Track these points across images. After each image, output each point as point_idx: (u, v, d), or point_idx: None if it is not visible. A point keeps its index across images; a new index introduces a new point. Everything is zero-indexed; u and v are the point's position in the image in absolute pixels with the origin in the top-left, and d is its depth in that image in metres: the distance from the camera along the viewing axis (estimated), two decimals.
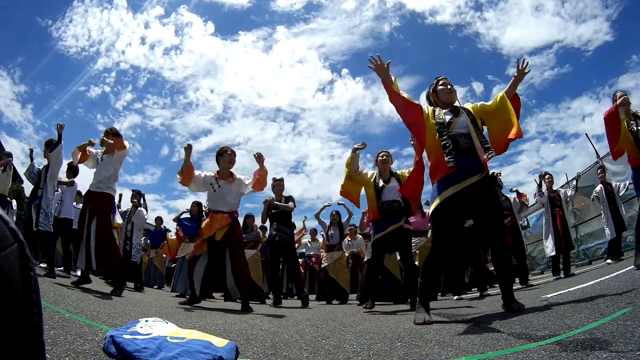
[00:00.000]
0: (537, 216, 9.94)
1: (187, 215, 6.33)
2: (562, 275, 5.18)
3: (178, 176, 3.61)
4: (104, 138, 3.73)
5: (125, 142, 3.80)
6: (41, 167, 4.65)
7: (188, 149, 3.56)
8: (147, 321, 1.46)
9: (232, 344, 1.29)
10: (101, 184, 3.73)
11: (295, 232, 5.43)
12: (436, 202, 2.37)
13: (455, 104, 2.58)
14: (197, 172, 3.67)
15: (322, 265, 6.34)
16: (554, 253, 5.59)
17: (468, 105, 2.59)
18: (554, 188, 6.07)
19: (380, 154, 3.82)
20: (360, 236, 6.69)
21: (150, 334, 1.32)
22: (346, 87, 27.61)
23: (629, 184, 5.81)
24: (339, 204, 6.01)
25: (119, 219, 4.16)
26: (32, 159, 4.89)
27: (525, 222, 6.03)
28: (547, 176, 5.92)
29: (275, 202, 4.85)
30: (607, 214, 5.99)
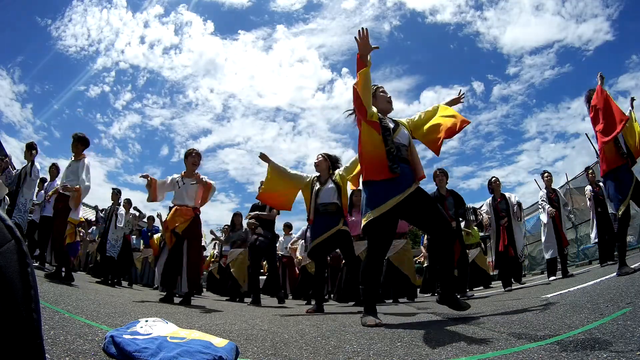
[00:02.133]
0: (537, 216, 9.95)
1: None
2: (559, 276, 5.16)
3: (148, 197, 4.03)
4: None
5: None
6: (20, 169, 5.03)
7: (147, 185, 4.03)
8: (147, 321, 1.46)
9: (232, 344, 1.29)
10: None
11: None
12: (378, 211, 2.22)
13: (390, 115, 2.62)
14: (160, 181, 4.08)
15: (301, 264, 6.49)
16: (554, 255, 5.51)
17: (402, 120, 2.64)
18: (553, 187, 6.04)
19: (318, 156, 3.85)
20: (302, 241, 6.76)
21: (150, 334, 1.32)
22: (346, 87, 27.74)
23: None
24: None
25: (74, 216, 4.41)
26: (13, 167, 5.15)
27: (524, 225, 6.04)
28: (545, 174, 5.89)
29: (258, 213, 5.06)
30: (592, 217, 5.93)
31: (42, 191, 5.83)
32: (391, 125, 2.46)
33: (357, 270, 3.64)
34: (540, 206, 5.79)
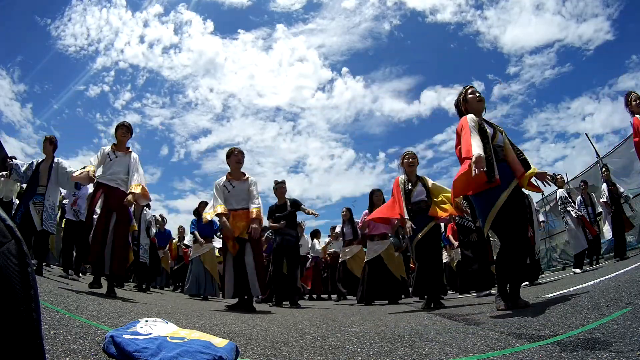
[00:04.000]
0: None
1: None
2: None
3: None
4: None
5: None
6: (34, 163, 4.43)
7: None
8: (147, 321, 1.46)
9: (232, 344, 1.29)
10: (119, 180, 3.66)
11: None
12: (491, 216, 2.43)
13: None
14: (220, 202, 3.67)
15: (341, 260, 6.38)
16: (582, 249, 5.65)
17: (497, 126, 2.72)
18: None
19: (406, 156, 3.77)
20: (340, 239, 6.74)
21: (150, 334, 1.32)
22: (346, 86, 27.59)
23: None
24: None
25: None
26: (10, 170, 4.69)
27: (542, 218, 6.14)
28: (559, 176, 5.97)
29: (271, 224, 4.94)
30: (605, 214, 6.00)
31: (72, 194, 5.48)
32: (489, 130, 2.56)
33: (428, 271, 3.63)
34: (563, 208, 5.93)
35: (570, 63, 22.31)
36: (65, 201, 5.67)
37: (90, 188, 4.83)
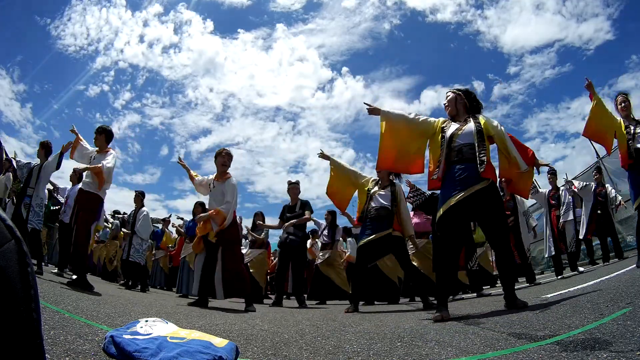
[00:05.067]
0: (537, 216, 9.94)
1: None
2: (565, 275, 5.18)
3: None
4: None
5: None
6: (32, 165, 4.69)
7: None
8: (147, 321, 1.46)
9: (232, 344, 1.29)
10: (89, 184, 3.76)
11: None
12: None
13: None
14: (199, 178, 4.00)
15: (316, 263, 6.30)
16: (553, 253, 5.58)
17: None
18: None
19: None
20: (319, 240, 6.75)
21: (150, 334, 1.32)
22: (346, 86, 27.60)
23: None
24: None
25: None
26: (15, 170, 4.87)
27: (534, 223, 5.97)
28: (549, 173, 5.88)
29: (294, 222, 4.85)
30: (587, 214, 5.92)
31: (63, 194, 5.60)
32: (450, 132, 2.56)
33: (410, 275, 3.70)
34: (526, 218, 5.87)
35: (570, 63, 22.33)
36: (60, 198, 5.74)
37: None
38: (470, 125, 2.51)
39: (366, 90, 28.26)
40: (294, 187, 4.97)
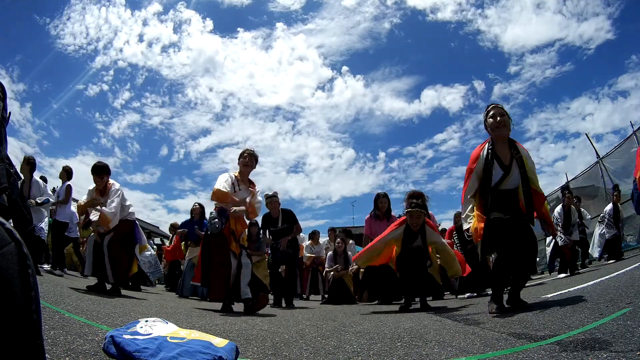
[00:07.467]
0: None
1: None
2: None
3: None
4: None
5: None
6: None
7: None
8: (147, 321, 1.46)
9: (232, 344, 1.29)
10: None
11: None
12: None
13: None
14: (227, 189, 3.47)
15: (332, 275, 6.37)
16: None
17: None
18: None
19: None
20: (322, 242, 6.92)
21: (150, 334, 1.32)
22: (346, 85, 27.55)
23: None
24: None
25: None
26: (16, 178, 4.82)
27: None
28: (567, 193, 5.87)
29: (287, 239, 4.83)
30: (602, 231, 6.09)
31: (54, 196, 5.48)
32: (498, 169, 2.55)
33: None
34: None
35: (570, 62, 22.31)
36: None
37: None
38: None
39: (366, 89, 28.22)
40: (273, 201, 4.88)
